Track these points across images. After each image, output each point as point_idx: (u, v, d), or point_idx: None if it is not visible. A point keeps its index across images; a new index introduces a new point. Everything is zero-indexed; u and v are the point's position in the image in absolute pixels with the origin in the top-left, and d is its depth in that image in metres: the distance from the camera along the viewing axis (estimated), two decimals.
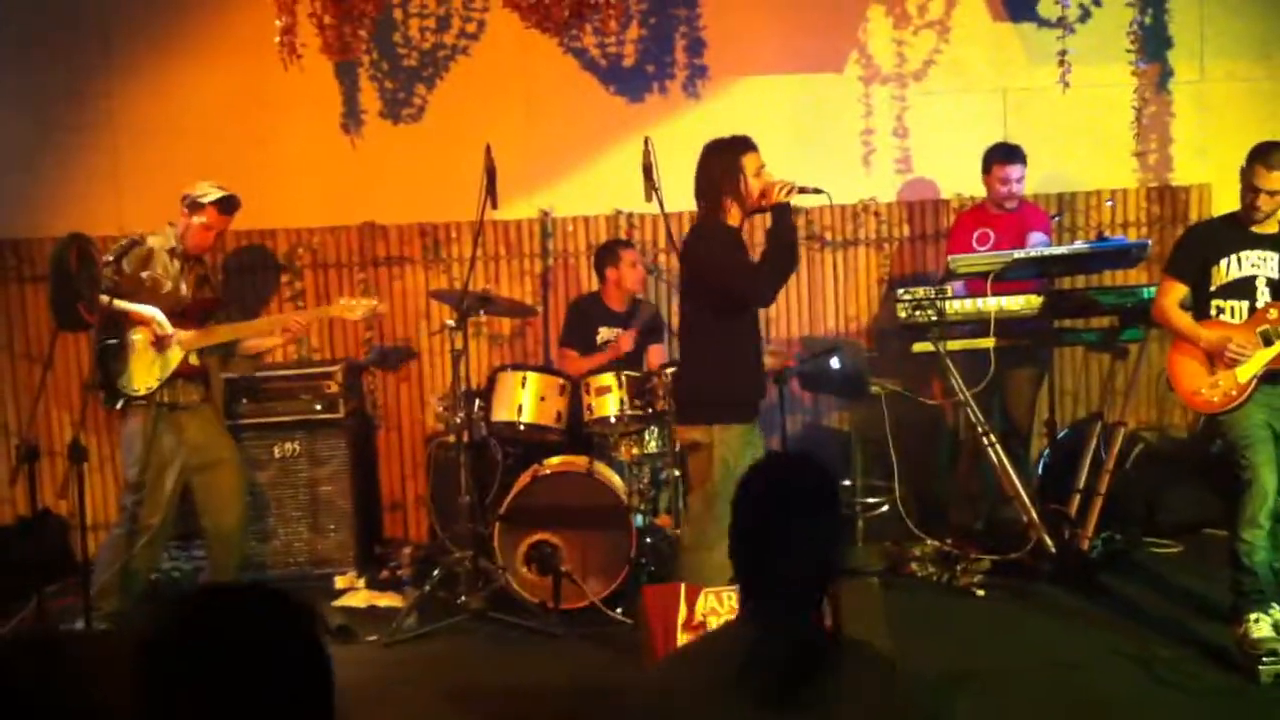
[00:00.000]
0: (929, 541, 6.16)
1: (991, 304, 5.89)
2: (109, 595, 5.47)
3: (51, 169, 6.95)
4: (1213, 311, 5.02)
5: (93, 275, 5.26)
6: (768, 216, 5.00)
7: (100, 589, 5.43)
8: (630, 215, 7.15)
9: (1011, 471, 5.94)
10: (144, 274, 5.59)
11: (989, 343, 5.89)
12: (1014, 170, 6.39)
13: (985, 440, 6.00)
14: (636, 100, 7.27)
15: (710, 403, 4.93)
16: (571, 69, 7.21)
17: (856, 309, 7.25)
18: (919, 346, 6.06)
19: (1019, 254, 5.90)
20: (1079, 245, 6.22)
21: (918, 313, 5.93)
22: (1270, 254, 4.95)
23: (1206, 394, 4.97)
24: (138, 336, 5.53)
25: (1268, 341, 4.87)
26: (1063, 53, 6.80)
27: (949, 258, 6.11)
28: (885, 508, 6.48)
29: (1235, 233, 5.02)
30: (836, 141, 7.27)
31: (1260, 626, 4.72)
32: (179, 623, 1.78)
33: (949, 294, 5.96)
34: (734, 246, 4.92)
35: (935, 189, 7.27)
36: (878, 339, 7.08)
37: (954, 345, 6.02)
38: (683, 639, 4.04)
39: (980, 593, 5.77)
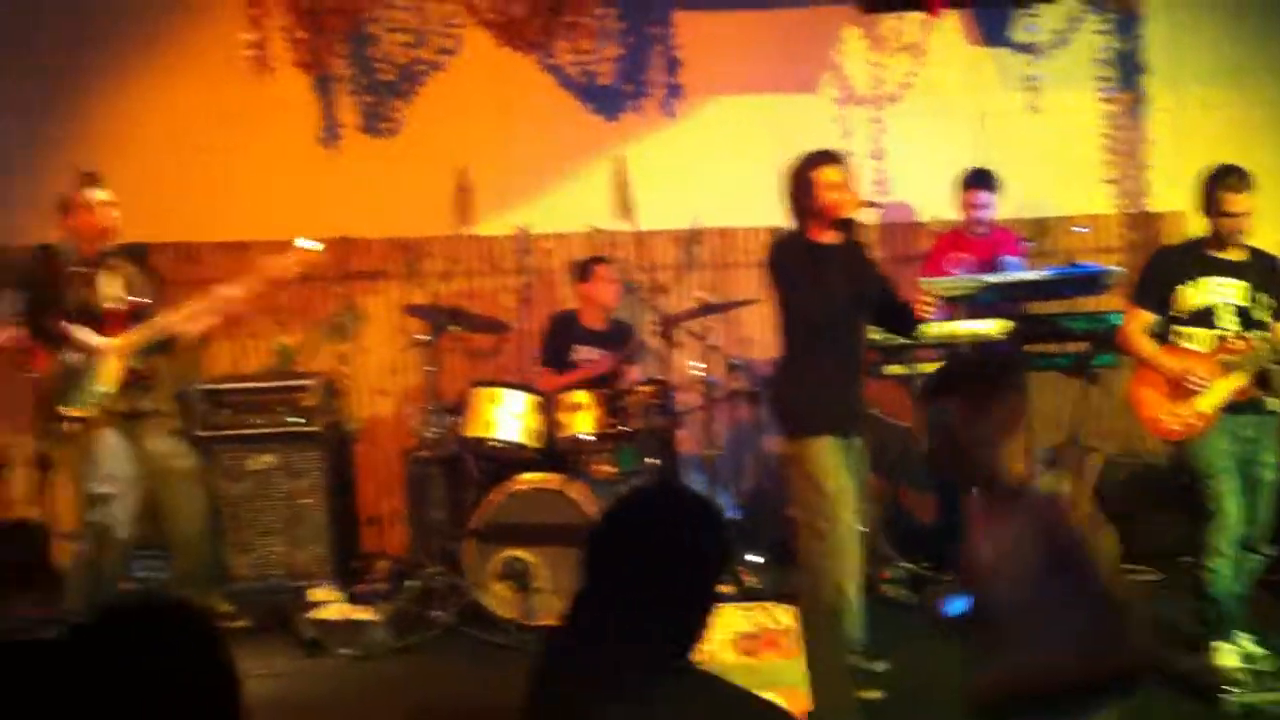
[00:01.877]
0: (902, 563, 6.19)
1: (963, 328, 5.93)
2: (80, 610, 5.43)
3: (26, 181, 6.91)
4: (1174, 338, 5.04)
5: (60, 288, 5.25)
6: None
7: (73, 603, 5.44)
8: (608, 233, 7.18)
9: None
10: None
11: None
12: (982, 195, 6.46)
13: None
14: (613, 118, 7.32)
15: (789, 415, 4.94)
16: (549, 86, 7.25)
17: None
18: (891, 369, 6.10)
19: (990, 278, 5.95)
20: (1048, 271, 6.26)
21: (889, 335, 5.96)
22: (1234, 281, 4.93)
23: (1167, 421, 4.98)
24: (72, 356, 5.46)
25: (1227, 372, 4.89)
26: (1031, 77, 6.87)
27: (921, 281, 6.15)
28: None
29: (1200, 259, 5.00)
30: None
31: (1224, 656, 4.77)
32: (75, 647, 1.76)
33: None
34: (801, 261, 4.81)
35: (910, 212, 7.33)
36: None
37: (926, 368, 6.06)
38: None
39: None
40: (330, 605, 6.20)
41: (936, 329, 5.99)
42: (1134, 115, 7.31)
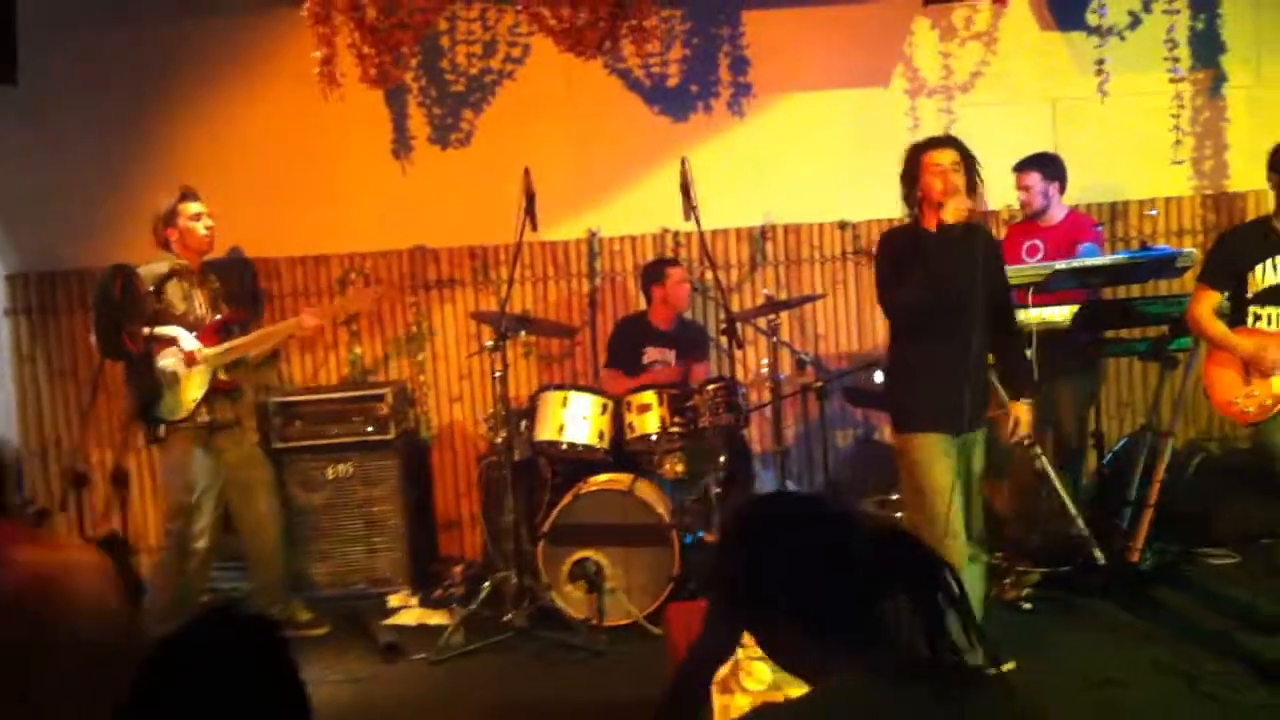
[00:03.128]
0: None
1: (1033, 315, 5.82)
2: (167, 619, 5.51)
3: (112, 202, 7.10)
4: (1249, 319, 4.92)
5: (137, 305, 5.37)
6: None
7: (157, 614, 5.55)
8: (677, 234, 7.18)
9: (1059, 484, 5.87)
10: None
11: (1031, 354, 5.82)
12: (1027, 178, 6.34)
13: (1033, 453, 5.93)
14: (681, 120, 7.31)
15: (893, 409, 4.90)
16: (616, 90, 7.28)
17: None
18: None
19: (1060, 265, 5.83)
20: (1119, 256, 6.13)
21: None
22: None
23: (1241, 404, 4.87)
24: (168, 361, 5.61)
25: None
26: (1101, 61, 6.74)
27: None
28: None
29: (1270, 238, 4.91)
30: (884, 156, 7.11)
31: None
32: (143, 674, 1.78)
33: None
34: (902, 251, 4.69)
35: (987, 200, 7.21)
36: None
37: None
38: None
39: (1028, 606, 5.71)
40: (406, 610, 6.31)
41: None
42: (1211, 95, 7.12)
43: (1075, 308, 5.91)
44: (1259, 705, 4.46)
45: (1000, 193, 6.89)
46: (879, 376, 6.35)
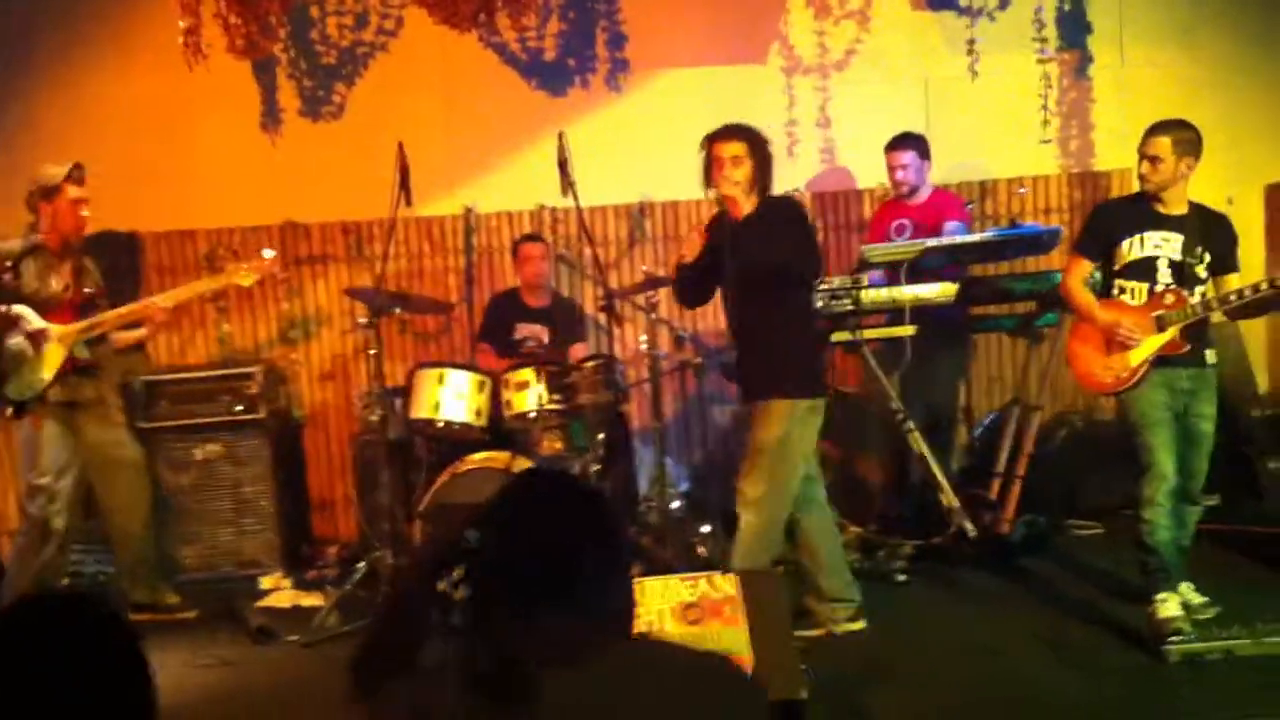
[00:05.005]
0: (851, 528, 6.18)
1: (907, 292, 5.89)
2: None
3: None
4: (1115, 291, 5.03)
5: None
6: None
7: (13, 597, 5.36)
8: (555, 210, 7.13)
9: (930, 457, 5.96)
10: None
11: (907, 330, 5.90)
12: (901, 156, 6.41)
13: (905, 427, 6.02)
14: (559, 94, 7.27)
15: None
16: (492, 64, 7.20)
17: None
18: (837, 336, 6.06)
19: (931, 243, 5.92)
20: (989, 233, 6.24)
21: (834, 302, 5.92)
22: (1174, 235, 4.92)
23: (1099, 375, 5.01)
24: (15, 339, 5.38)
25: (1161, 327, 4.89)
26: (971, 41, 6.85)
27: (863, 248, 6.13)
28: None
29: (1142, 212, 5.00)
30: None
31: (1167, 606, 4.76)
32: None
33: (864, 283, 5.96)
34: (709, 240, 5.02)
35: (858, 179, 7.29)
36: None
37: (870, 334, 6.03)
38: None
39: (902, 578, 5.80)
40: (279, 592, 6.19)
41: (882, 294, 5.95)
42: (1077, 75, 7.27)
43: (948, 284, 5.99)
44: (1120, 670, 4.58)
45: (875, 170, 6.97)
46: None
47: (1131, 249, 4.96)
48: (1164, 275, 4.92)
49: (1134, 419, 4.91)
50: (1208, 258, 4.92)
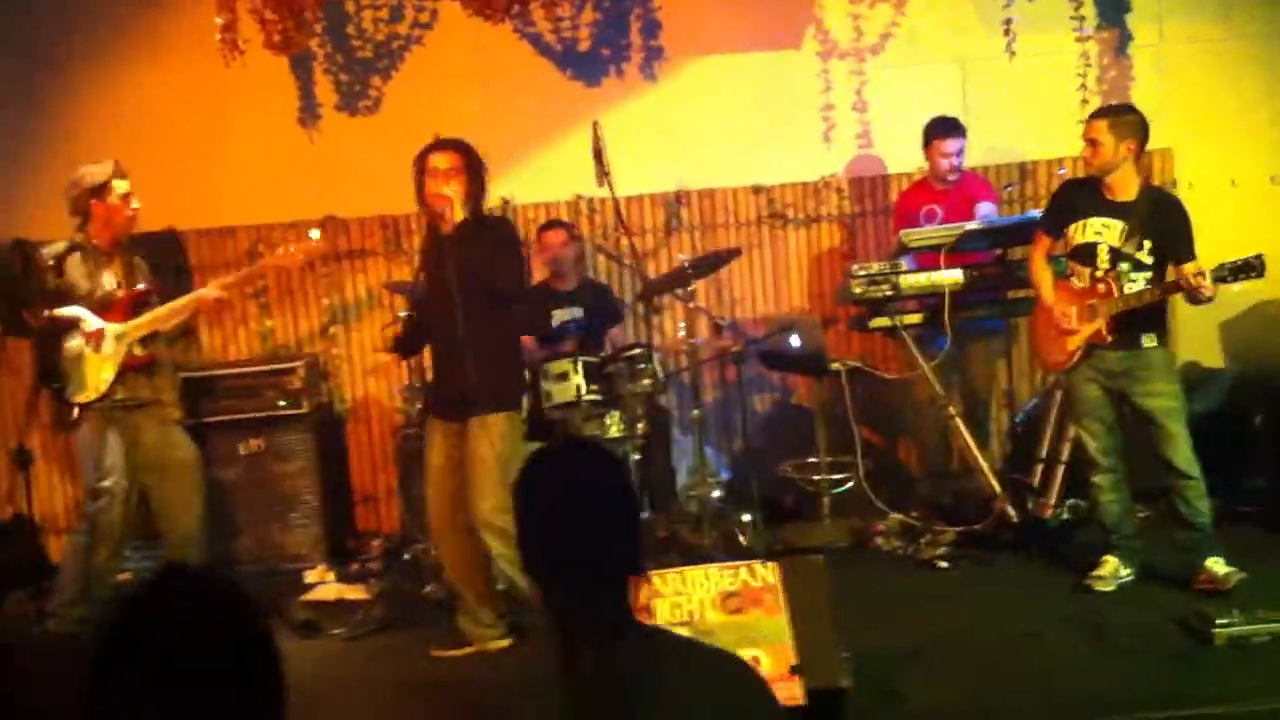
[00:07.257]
0: (893, 515, 6.14)
1: (946, 277, 5.86)
2: (77, 603, 5.40)
3: (4, 174, 6.89)
4: (1068, 273, 5.15)
5: (38, 281, 5.21)
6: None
7: (68, 597, 5.41)
8: (591, 200, 7.13)
9: (972, 443, 5.93)
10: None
11: (946, 315, 5.87)
12: (953, 144, 6.37)
13: (946, 413, 5.99)
14: (593, 84, 7.26)
15: None
16: (526, 54, 7.21)
17: (821, 286, 7.23)
18: (876, 322, 6.05)
19: (970, 226, 5.88)
20: (1029, 215, 6.19)
21: (872, 288, 5.92)
22: (1114, 222, 4.97)
23: (1047, 353, 5.24)
24: (74, 342, 5.39)
25: (1092, 316, 4.96)
26: (1008, 20, 6.78)
27: (900, 233, 6.09)
28: (850, 484, 6.43)
29: (1089, 196, 5.07)
30: (796, 118, 7.25)
31: (1104, 567, 5.17)
32: (124, 614, 1.74)
33: (903, 268, 5.94)
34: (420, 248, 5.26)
35: (895, 162, 7.24)
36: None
37: (910, 319, 6.00)
38: None
39: (943, 565, 5.75)
40: (324, 586, 6.23)
41: (923, 279, 5.93)
42: (1117, 53, 7.18)
43: (985, 268, 5.97)
44: (1169, 655, 4.54)
45: (912, 155, 6.91)
46: (795, 341, 6.38)
47: (1077, 233, 5.08)
48: (1103, 261, 4.99)
49: (1071, 403, 5.23)
50: (1148, 244, 4.91)
